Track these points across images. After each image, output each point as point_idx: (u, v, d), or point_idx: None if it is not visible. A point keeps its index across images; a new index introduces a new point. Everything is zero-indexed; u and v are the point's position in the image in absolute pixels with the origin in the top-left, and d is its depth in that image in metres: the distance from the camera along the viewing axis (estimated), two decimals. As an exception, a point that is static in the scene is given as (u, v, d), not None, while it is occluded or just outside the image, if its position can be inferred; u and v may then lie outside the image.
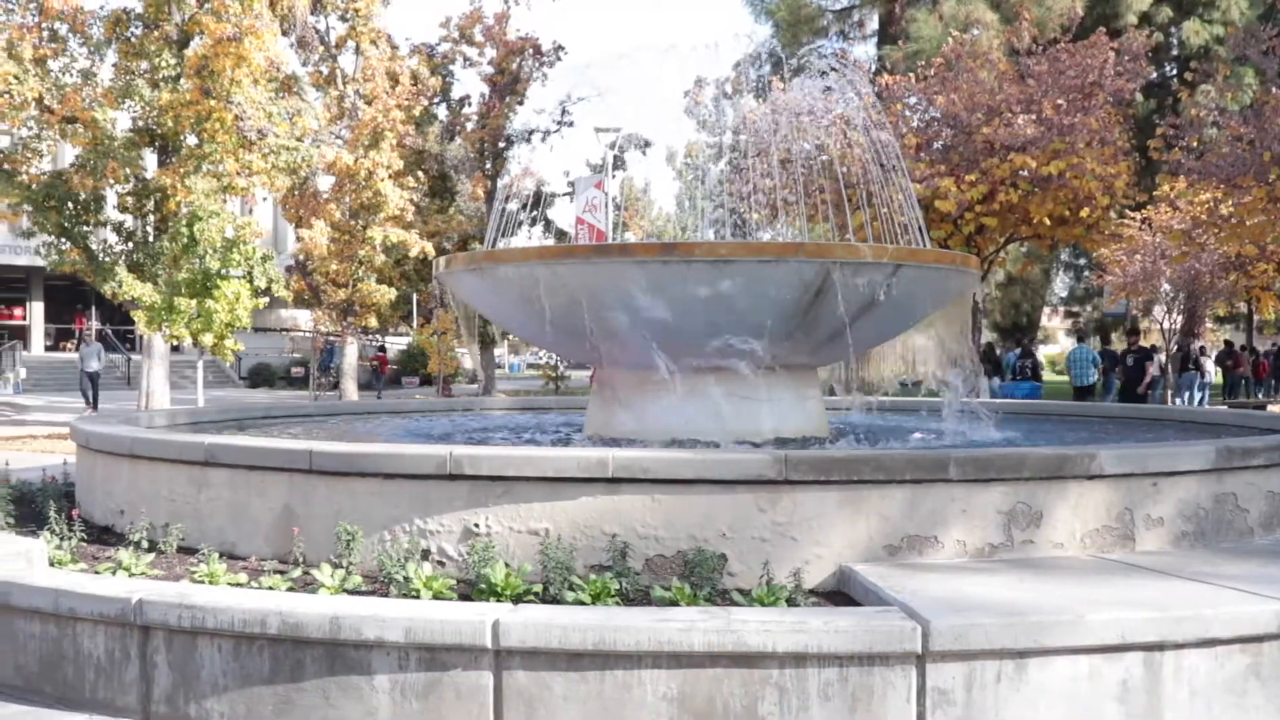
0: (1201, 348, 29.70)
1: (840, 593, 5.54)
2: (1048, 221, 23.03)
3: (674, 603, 5.17)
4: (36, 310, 50.91)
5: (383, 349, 42.42)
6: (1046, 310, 52.72)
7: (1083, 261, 43.69)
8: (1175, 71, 35.90)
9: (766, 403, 8.13)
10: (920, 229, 9.49)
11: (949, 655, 4.61)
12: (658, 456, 5.79)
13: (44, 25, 22.04)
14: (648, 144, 36.80)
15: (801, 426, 8.31)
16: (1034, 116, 22.35)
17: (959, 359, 9.14)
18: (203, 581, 5.63)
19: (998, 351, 30.32)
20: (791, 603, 5.18)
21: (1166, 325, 27.27)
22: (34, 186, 22.00)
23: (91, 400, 30.28)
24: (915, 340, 9.48)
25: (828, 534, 5.65)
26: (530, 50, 34.37)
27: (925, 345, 9.70)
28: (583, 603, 5.16)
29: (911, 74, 25.81)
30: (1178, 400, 26.45)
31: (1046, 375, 31.41)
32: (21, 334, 47.57)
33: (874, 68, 32.27)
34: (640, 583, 5.52)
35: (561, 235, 37.83)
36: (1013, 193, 22.57)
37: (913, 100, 24.97)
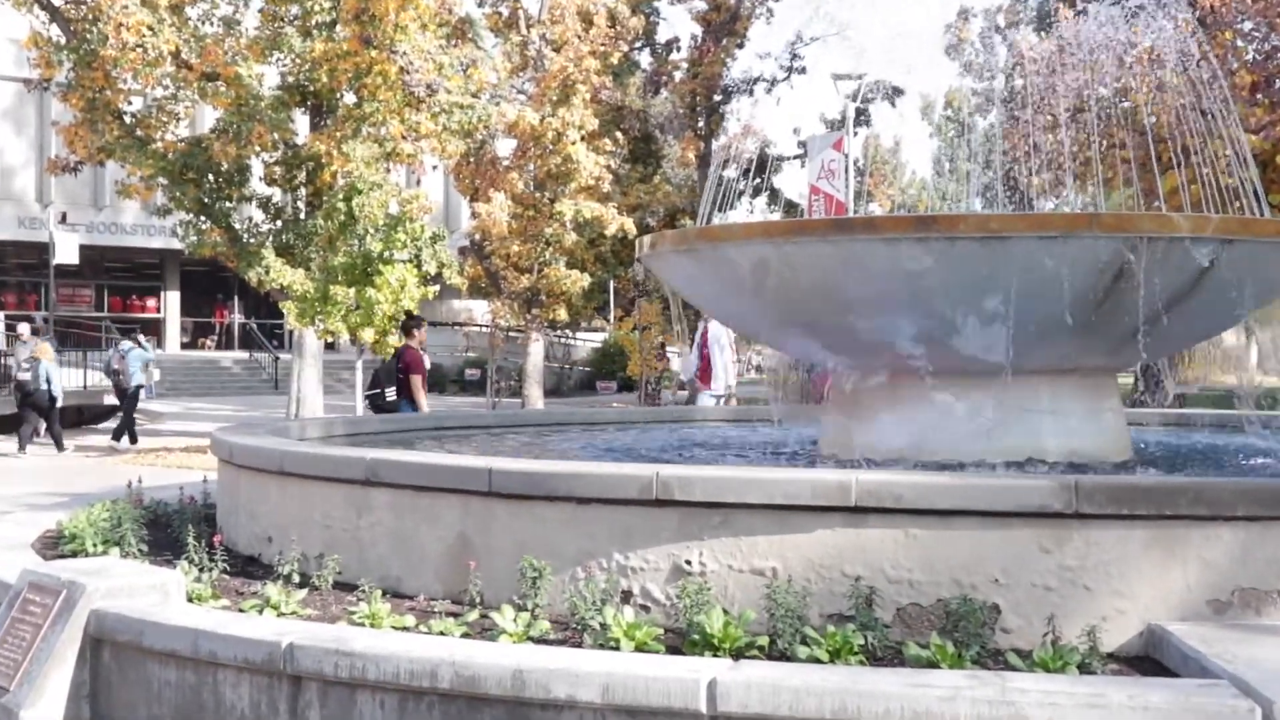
0: None
1: (1148, 658, 5.39)
2: None
3: (933, 663, 5.11)
4: (172, 301, 52.46)
5: None
6: None
7: None
8: None
9: (1050, 415, 7.97)
10: (1255, 193, 9.15)
11: (1295, 743, 4.42)
12: (913, 481, 5.74)
13: (182, -34, 23.08)
14: (898, 93, 36.49)
15: (1095, 445, 8.11)
16: None
17: None
18: (363, 624, 5.84)
19: None
20: (1084, 669, 5.07)
21: None
22: (170, 155, 22.99)
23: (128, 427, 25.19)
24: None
25: (1132, 583, 5.49)
26: (753, -20, 34.50)
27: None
28: (818, 660, 5.15)
29: (1245, -7, 24.84)
30: None
31: None
32: (155, 329, 49.01)
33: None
34: (890, 637, 5.48)
35: (791, 208, 37.82)
36: (1383, 145, 21.50)
37: (1247, 26, 24.00)
